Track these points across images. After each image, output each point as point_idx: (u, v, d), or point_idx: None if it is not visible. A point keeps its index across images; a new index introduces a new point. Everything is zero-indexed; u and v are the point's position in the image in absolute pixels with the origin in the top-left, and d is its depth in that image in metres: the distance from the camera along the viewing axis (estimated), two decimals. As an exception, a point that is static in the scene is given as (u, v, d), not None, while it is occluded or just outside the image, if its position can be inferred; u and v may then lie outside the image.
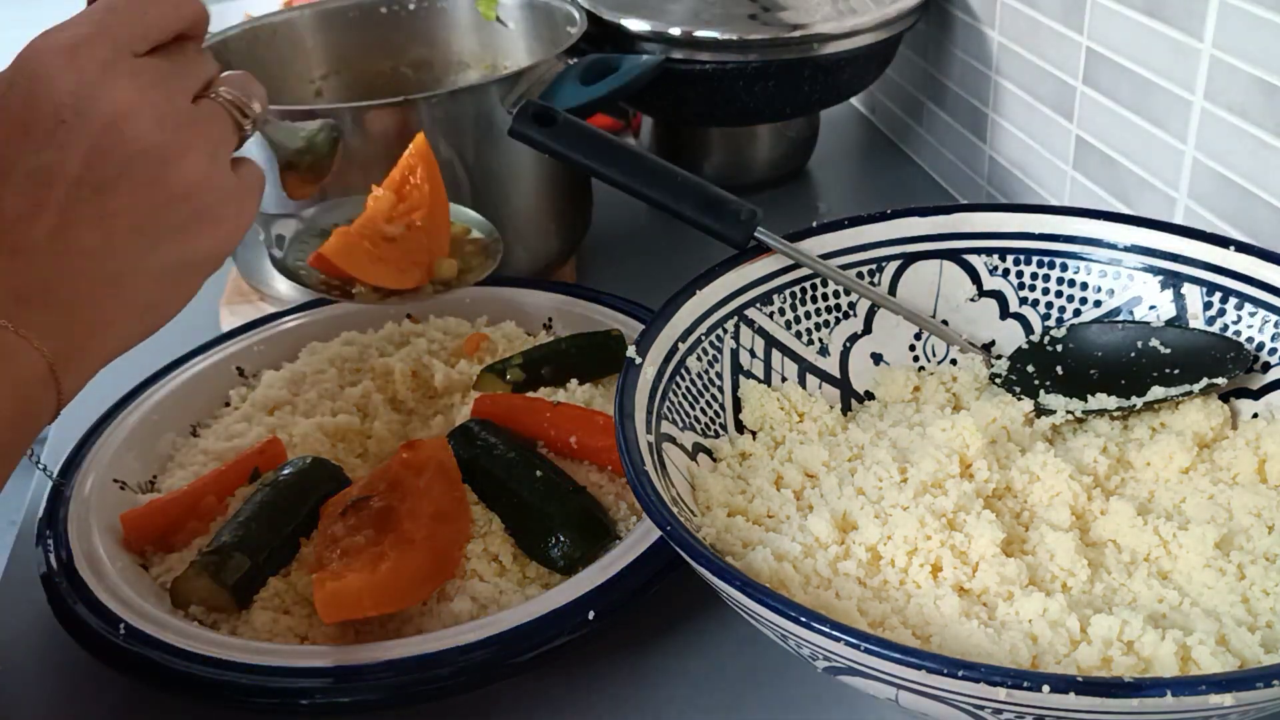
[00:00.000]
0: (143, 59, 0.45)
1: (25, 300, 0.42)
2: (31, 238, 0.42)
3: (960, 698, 0.40)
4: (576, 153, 0.65)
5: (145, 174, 0.44)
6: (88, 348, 0.44)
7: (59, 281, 0.43)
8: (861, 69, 0.95)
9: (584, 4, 0.92)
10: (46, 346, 0.42)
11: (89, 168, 0.43)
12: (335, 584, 0.53)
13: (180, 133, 0.45)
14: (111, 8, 0.45)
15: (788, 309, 0.64)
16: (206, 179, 0.46)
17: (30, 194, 0.43)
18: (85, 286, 0.43)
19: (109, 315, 0.44)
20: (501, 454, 0.62)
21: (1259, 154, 0.64)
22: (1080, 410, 0.60)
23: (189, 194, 0.45)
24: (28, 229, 0.42)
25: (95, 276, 0.43)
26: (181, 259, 0.46)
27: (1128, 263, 0.63)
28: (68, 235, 0.43)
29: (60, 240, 0.43)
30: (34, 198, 0.43)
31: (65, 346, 0.43)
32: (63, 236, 0.43)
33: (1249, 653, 0.45)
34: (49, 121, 0.43)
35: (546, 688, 0.56)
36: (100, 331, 0.44)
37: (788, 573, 0.49)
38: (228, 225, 0.47)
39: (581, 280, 0.92)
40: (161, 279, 0.45)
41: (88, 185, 0.43)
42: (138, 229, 0.44)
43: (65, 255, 0.43)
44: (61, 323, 0.43)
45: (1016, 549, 0.52)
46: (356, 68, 0.97)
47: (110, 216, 0.43)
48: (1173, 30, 0.69)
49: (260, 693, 0.51)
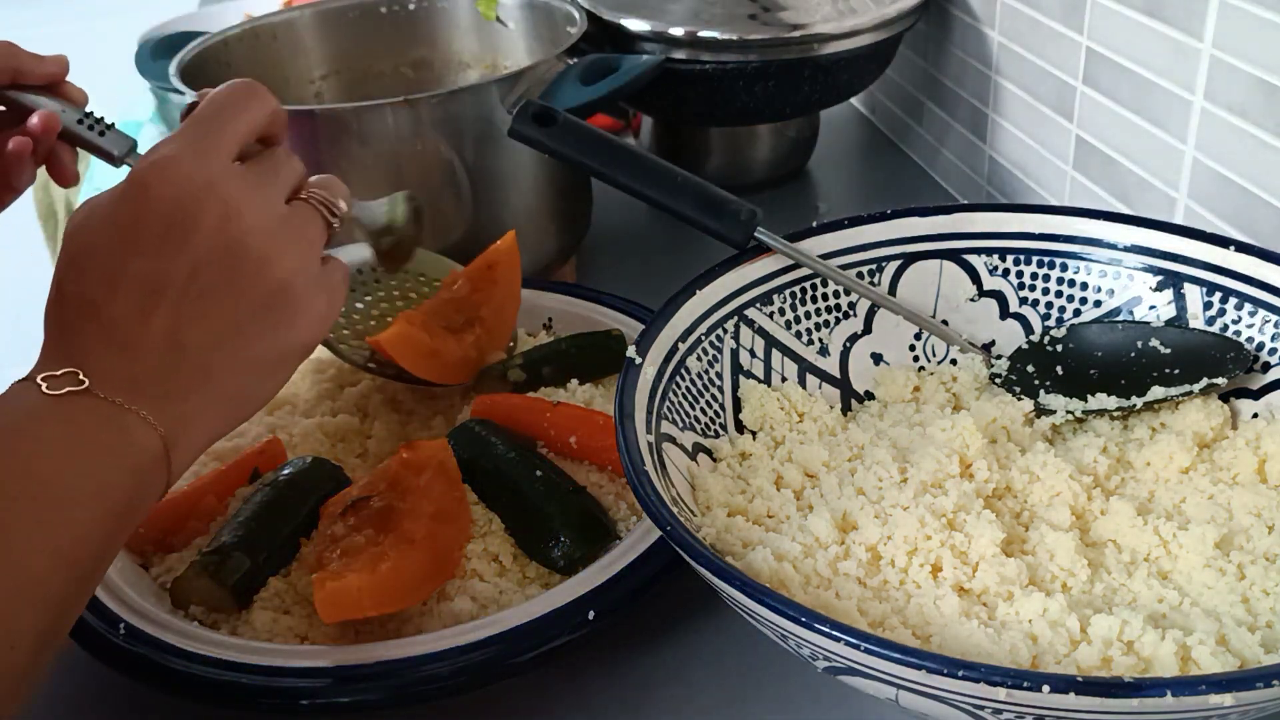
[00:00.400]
0: (240, 166, 0.49)
1: (140, 392, 0.45)
2: (141, 336, 0.45)
3: (960, 698, 0.40)
4: (576, 153, 0.65)
5: (247, 275, 0.47)
6: (190, 434, 0.47)
7: (165, 373, 0.46)
8: (861, 69, 0.95)
9: (584, 4, 0.92)
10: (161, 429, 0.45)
11: (195, 272, 0.46)
12: (335, 584, 0.53)
13: (278, 234, 0.48)
14: (205, 119, 0.49)
15: (788, 309, 0.64)
16: (301, 276, 0.49)
17: (140, 299, 0.46)
18: (189, 378, 0.46)
19: (209, 404, 0.47)
20: (501, 454, 0.62)
21: (1259, 154, 0.64)
22: (1080, 410, 0.60)
23: (285, 291, 0.48)
24: (138, 329, 0.46)
25: (197, 369, 0.46)
26: (276, 351, 0.49)
27: (1128, 263, 0.63)
28: (175, 334, 0.46)
29: (168, 338, 0.46)
30: (144, 302, 0.46)
31: (171, 432, 0.46)
32: (170, 335, 0.46)
33: (1249, 653, 0.45)
34: (159, 230, 0.46)
35: (546, 688, 0.56)
36: (201, 419, 0.47)
37: (788, 573, 0.49)
38: (318, 318, 0.50)
39: (581, 280, 0.92)
40: (257, 369, 0.48)
41: (194, 288, 0.46)
42: (238, 326, 0.47)
43: (171, 351, 0.46)
44: (168, 411, 0.46)
45: (1016, 549, 0.52)
46: (356, 68, 0.97)
47: (213, 316, 0.46)
48: (1173, 30, 0.69)
49: (260, 693, 0.51)
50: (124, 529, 0.45)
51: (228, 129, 0.49)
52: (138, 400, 0.45)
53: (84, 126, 0.57)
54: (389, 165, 0.75)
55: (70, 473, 0.43)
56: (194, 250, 0.46)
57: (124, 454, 0.45)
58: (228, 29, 0.90)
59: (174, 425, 0.46)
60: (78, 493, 0.43)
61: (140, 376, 0.45)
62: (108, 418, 0.45)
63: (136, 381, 0.45)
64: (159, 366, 0.46)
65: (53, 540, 0.42)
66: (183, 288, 0.46)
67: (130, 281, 0.46)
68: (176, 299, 0.46)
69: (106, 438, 0.44)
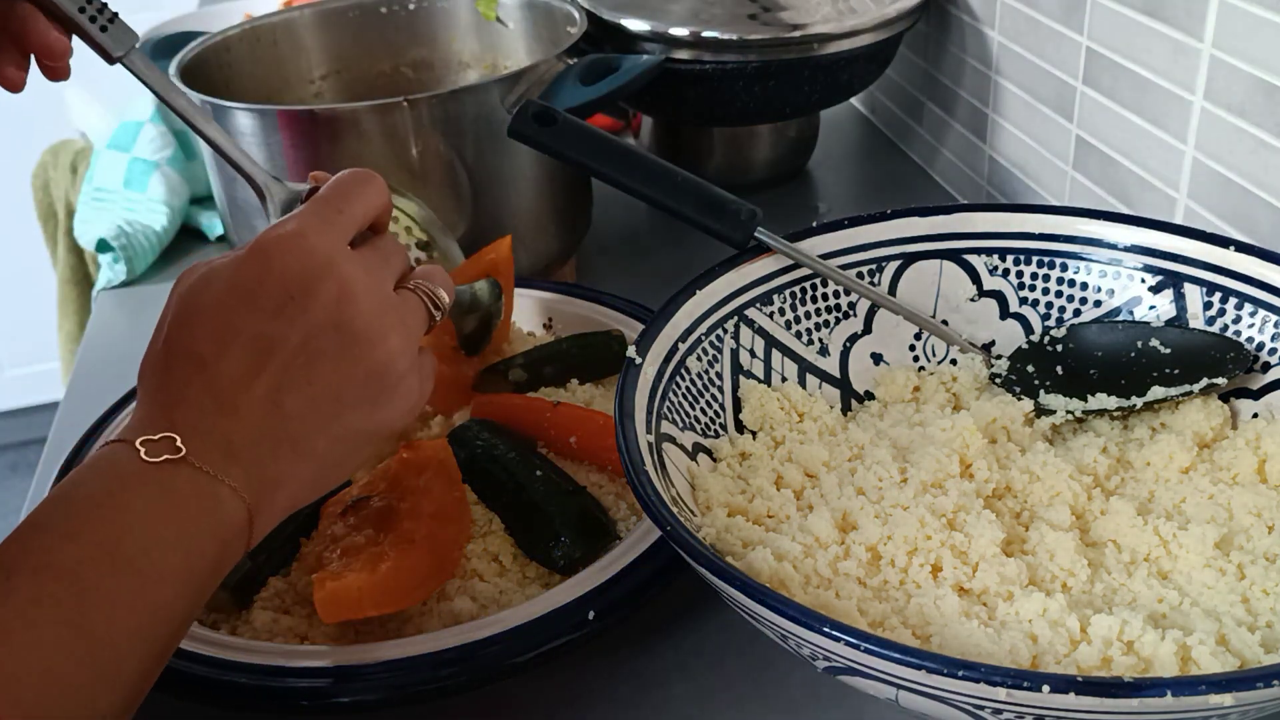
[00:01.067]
0: (358, 249, 0.51)
1: (234, 457, 0.46)
2: (247, 398, 0.46)
3: (960, 698, 0.40)
4: (576, 153, 0.65)
5: (353, 351, 0.48)
6: (275, 500, 0.47)
7: (261, 436, 0.47)
8: (861, 69, 0.95)
9: (584, 4, 0.92)
10: (248, 498, 0.46)
11: (307, 341, 0.47)
12: (335, 584, 0.53)
13: (386, 317, 0.50)
14: (329, 201, 0.51)
15: (788, 309, 0.64)
16: (402, 359, 0.50)
17: (252, 359, 0.47)
18: (281, 446, 0.47)
19: (297, 471, 0.48)
20: (501, 454, 0.62)
21: (1259, 154, 0.64)
22: (1080, 410, 0.60)
23: (384, 372, 0.49)
24: (245, 390, 0.46)
25: (290, 437, 0.47)
26: (364, 428, 0.50)
27: (1128, 263, 0.63)
28: (276, 398, 0.47)
29: (270, 402, 0.47)
30: (255, 363, 0.47)
31: (258, 499, 0.46)
32: (272, 399, 0.47)
33: (1249, 653, 0.45)
34: (279, 297, 0.47)
35: (546, 688, 0.56)
36: (287, 485, 0.48)
37: (788, 573, 0.49)
38: (409, 403, 0.51)
39: (581, 280, 0.92)
40: (343, 443, 0.49)
41: (303, 355, 0.47)
42: (335, 398, 0.48)
43: (271, 414, 0.47)
44: (258, 477, 0.46)
45: (1016, 549, 0.52)
46: (356, 68, 0.97)
47: (315, 385, 0.48)
48: (1173, 30, 0.69)
49: (260, 693, 0.51)
50: (202, 600, 0.45)
51: (346, 213, 0.50)
52: (230, 465, 0.45)
53: (85, 16, 0.52)
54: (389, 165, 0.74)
55: (160, 547, 0.43)
56: (308, 320, 0.47)
57: (212, 527, 0.45)
58: (228, 29, 0.90)
59: (261, 491, 0.46)
60: (164, 568, 0.43)
61: (236, 439, 0.46)
62: (200, 488, 0.45)
63: (231, 444, 0.46)
64: (256, 428, 0.46)
65: (136, 618, 0.42)
66: (292, 354, 0.47)
67: (243, 341, 0.47)
68: (284, 363, 0.47)
69: (197, 510, 0.44)
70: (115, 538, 0.42)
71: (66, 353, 1.51)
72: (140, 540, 0.43)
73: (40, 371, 2.35)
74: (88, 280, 1.46)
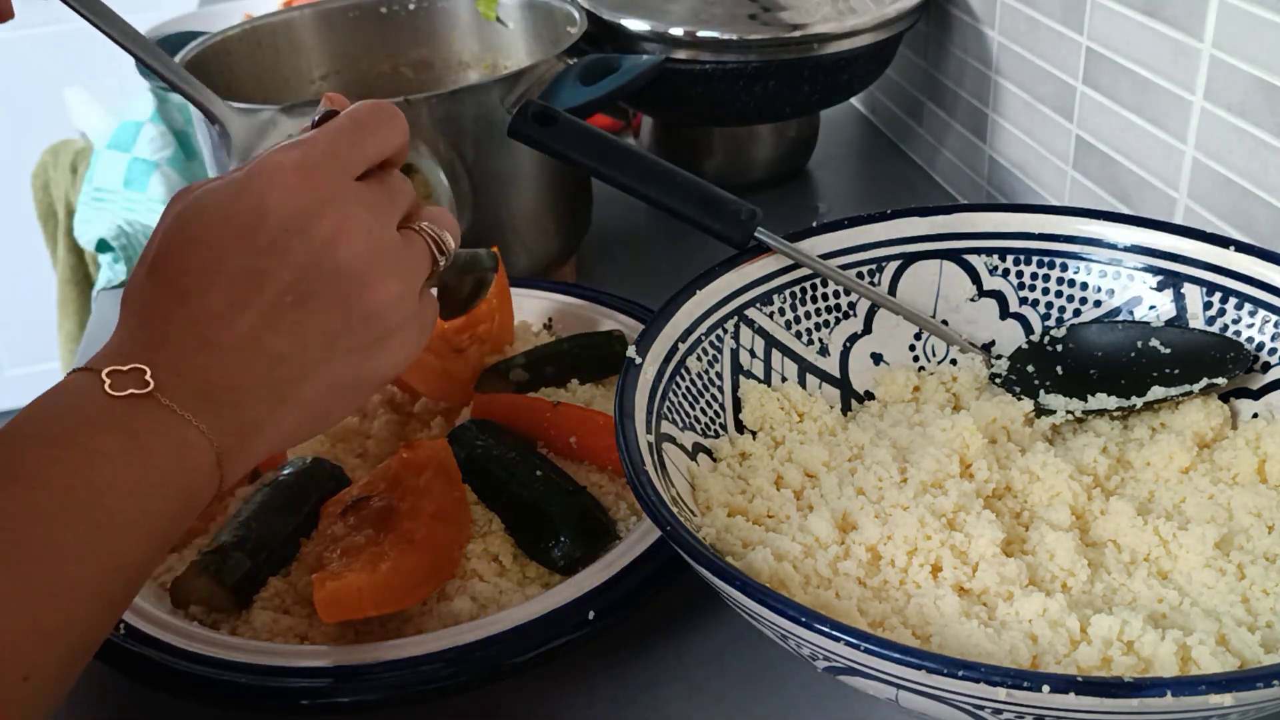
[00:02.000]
0: (361, 184, 0.48)
1: (209, 397, 0.43)
2: (229, 336, 0.44)
3: (960, 698, 0.40)
4: (576, 153, 0.65)
5: (346, 292, 0.46)
6: (250, 445, 0.45)
7: (239, 377, 0.44)
8: (861, 69, 0.95)
9: (584, 4, 0.92)
10: (219, 442, 0.44)
11: (298, 278, 0.45)
12: (335, 584, 0.53)
13: (385, 259, 0.47)
14: (338, 132, 0.48)
15: (788, 309, 0.64)
16: (399, 305, 0.48)
17: (238, 293, 0.44)
18: (263, 389, 0.45)
19: (276, 418, 0.46)
20: (501, 454, 0.62)
21: (1259, 154, 0.64)
22: (1080, 410, 0.60)
23: (380, 317, 0.47)
24: (228, 326, 0.44)
25: (274, 380, 0.45)
26: (354, 375, 0.47)
27: (1128, 263, 0.63)
28: (261, 337, 0.44)
29: (254, 341, 0.44)
30: (241, 297, 0.44)
31: (233, 443, 0.44)
32: (257, 338, 0.44)
33: (1249, 653, 0.45)
34: (273, 231, 0.45)
35: (546, 688, 0.56)
36: (264, 432, 0.46)
37: (788, 573, 0.49)
38: (404, 351, 0.49)
39: (581, 280, 0.92)
40: (334, 390, 0.47)
41: (292, 293, 0.45)
42: (325, 342, 0.46)
43: (253, 353, 0.44)
44: (234, 420, 0.44)
45: (1016, 549, 0.52)
46: (356, 68, 0.97)
47: (304, 326, 0.45)
48: (1173, 30, 0.69)
49: (260, 693, 0.51)
50: (163, 551, 0.43)
51: (358, 148, 0.48)
52: (203, 406, 0.43)
53: None
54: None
55: (115, 493, 0.41)
56: (300, 258, 0.45)
57: (177, 472, 0.43)
58: (228, 29, 0.90)
59: (236, 434, 0.44)
60: (120, 516, 0.41)
61: (214, 378, 0.44)
62: (166, 429, 0.42)
63: (208, 383, 0.43)
64: (235, 368, 0.44)
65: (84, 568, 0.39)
66: (280, 291, 0.45)
67: (230, 275, 0.44)
68: (272, 301, 0.45)
69: (161, 453, 0.42)
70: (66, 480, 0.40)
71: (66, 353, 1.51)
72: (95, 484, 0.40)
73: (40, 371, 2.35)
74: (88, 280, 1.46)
